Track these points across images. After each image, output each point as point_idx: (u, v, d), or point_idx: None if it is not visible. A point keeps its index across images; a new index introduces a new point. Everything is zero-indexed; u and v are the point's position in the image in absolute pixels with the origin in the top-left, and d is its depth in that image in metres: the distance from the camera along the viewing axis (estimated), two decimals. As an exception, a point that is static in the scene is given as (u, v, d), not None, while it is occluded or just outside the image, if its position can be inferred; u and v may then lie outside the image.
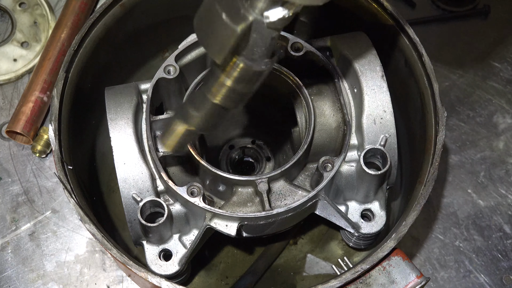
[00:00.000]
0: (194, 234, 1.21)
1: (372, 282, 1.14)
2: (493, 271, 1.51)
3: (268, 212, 1.14)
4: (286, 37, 1.27)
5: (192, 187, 1.15)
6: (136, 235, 1.20)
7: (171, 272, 1.19)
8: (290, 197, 1.19)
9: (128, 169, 1.17)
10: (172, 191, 1.16)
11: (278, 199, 1.19)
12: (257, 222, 1.15)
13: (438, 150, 1.23)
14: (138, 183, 1.17)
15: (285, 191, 1.20)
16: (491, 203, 1.59)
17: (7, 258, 1.46)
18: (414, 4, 1.85)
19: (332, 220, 1.24)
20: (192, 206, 1.15)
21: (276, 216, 1.14)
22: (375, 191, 1.24)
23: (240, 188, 1.20)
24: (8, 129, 1.54)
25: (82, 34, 1.30)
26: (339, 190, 1.24)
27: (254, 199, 1.19)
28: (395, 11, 1.35)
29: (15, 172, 1.56)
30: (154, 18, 1.49)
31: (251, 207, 1.19)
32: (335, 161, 1.19)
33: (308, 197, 1.16)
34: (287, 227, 1.28)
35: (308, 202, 1.17)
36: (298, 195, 1.19)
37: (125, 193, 1.17)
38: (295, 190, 1.20)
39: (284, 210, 1.14)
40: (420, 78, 1.30)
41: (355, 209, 1.27)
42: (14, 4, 1.73)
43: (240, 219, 1.14)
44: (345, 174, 1.21)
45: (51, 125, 1.20)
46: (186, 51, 1.27)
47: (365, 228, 1.25)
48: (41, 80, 1.57)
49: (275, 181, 1.19)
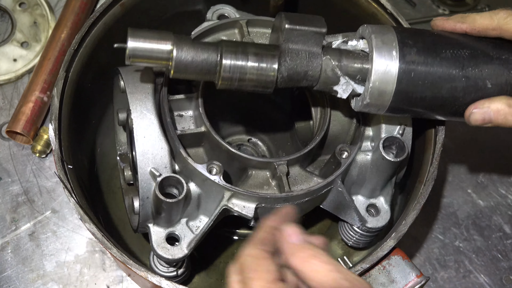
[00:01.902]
0: (201, 220, 1.19)
1: (372, 282, 1.15)
2: (493, 271, 1.51)
3: (288, 194, 1.13)
4: None
5: (212, 165, 1.14)
6: (144, 216, 1.17)
7: (179, 256, 1.16)
8: (305, 183, 1.20)
9: (148, 143, 1.14)
10: (189, 169, 1.15)
11: (294, 184, 1.19)
12: (274, 205, 1.15)
13: (438, 150, 1.24)
14: (157, 158, 1.14)
15: (300, 177, 1.20)
16: (491, 203, 1.59)
17: (7, 258, 1.46)
18: (414, 4, 1.85)
19: (338, 213, 1.25)
20: (211, 185, 1.13)
21: (295, 199, 1.14)
22: (384, 184, 1.24)
23: (256, 171, 1.19)
24: (8, 129, 1.54)
25: (82, 33, 1.30)
26: (349, 182, 1.24)
27: (271, 182, 1.19)
28: (395, 11, 1.36)
29: (15, 172, 1.56)
30: (154, 18, 1.49)
31: (267, 190, 1.18)
32: (351, 148, 1.20)
33: (326, 182, 1.16)
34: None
35: (324, 188, 1.17)
36: (314, 181, 1.20)
37: (143, 168, 1.13)
38: (310, 177, 1.20)
39: (304, 193, 1.14)
40: (420, 78, 1.30)
41: (361, 203, 1.27)
42: (14, 4, 1.73)
43: (259, 199, 1.14)
44: (359, 163, 1.21)
45: (51, 124, 1.21)
46: (200, 37, 1.27)
47: (371, 222, 1.25)
48: (41, 80, 1.57)
49: (292, 166, 1.19)
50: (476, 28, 1.10)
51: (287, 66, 1.03)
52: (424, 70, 1.04)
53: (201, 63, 1.01)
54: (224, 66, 1.01)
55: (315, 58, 1.05)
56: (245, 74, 1.02)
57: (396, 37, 1.05)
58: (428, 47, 1.06)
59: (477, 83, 1.07)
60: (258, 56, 1.02)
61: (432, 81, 1.05)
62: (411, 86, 1.05)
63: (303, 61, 1.04)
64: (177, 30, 1.39)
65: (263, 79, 1.03)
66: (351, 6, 1.43)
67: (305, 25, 1.04)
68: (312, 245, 0.87)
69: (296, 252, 0.86)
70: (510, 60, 1.09)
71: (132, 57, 1.01)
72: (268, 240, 0.90)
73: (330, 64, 1.05)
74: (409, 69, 1.04)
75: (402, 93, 1.05)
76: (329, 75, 1.06)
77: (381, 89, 1.04)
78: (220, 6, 1.34)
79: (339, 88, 1.07)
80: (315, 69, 1.05)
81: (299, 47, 1.05)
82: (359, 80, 1.07)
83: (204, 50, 1.02)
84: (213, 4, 1.35)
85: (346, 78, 1.06)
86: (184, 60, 1.00)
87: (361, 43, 1.08)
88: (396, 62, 1.03)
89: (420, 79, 1.04)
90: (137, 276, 1.10)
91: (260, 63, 1.02)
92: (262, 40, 1.30)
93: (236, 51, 1.02)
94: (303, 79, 1.05)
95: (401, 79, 1.03)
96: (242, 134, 1.54)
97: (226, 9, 1.34)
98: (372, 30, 1.06)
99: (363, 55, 1.07)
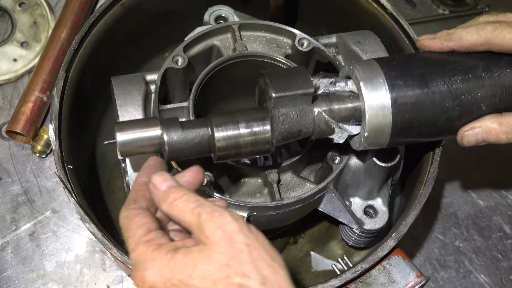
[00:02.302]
0: None
1: (372, 282, 1.15)
2: (493, 271, 1.51)
3: (278, 202, 1.13)
4: (294, 33, 1.27)
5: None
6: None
7: None
8: (298, 189, 1.20)
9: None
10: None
11: (287, 191, 1.19)
12: (266, 213, 1.15)
13: (438, 150, 1.24)
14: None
15: (293, 183, 1.20)
16: (491, 203, 1.59)
17: (7, 258, 1.46)
18: (414, 4, 1.85)
19: (336, 215, 1.24)
20: (201, 195, 1.14)
21: (286, 207, 1.14)
22: (380, 186, 1.24)
23: (248, 179, 1.20)
24: (8, 129, 1.53)
25: (82, 34, 1.30)
26: (344, 185, 1.24)
27: (263, 190, 1.19)
28: (395, 11, 1.36)
29: (15, 172, 1.56)
30: (154, 18, 1.49)
31: (259, 198, 1.19)
32: (343, 153, 1.20)
33: (318, 188, 1.16)
34: (290, 222, 1.28)
35: (317, 194, 1.17)
36: (307, 187, 1.20)
37: (134, 177, 1.13)
38: (303, 183, 1.20)
39: (294, 200, 1.14)
40: (420, 78, 1.30)
41: (358, 205, 1.27)
42: (14, 4, 1.73)
43: (250, 208, 1.14)
44: (352, 168, 1.21)
45: (51, 124, 1.21)
46: (193, 43, 1.27)
47: (368, 224, 1.25)
48: (41, 80, 1.57)
49: (284, 173, 1.20)
50: (464, 45, 1.08)
51: (280, 130, 1.03)
52: (416, 109, 1.03)
53: (193, 141, 0.99)
54: (218, 139, 0.99)
55: (306, 116, 1.03)
56: (240, 143, 1.01)
57: (384, 77, 1.03)
58: (418, 83, 1.03)
59: (472, 108, 1.06)
60: (249, 122, 1.01)
61: (425, 118, 1.04)
62: (407, 119, 1.03)
63: (294, 121, 1.03)
64: (177, 30, 1.40)
65: (259, 144, 1.02)
66: (351, 6, 1.43)
67: (292, 90, 1.02)
68: (177, 187, 0.89)
69: (164, 198, 0.88)
70: (501, 76, 1.06)
71: (124, 154, 1.00)
72: (140, 197, 0.91)
73: (322, 118, 1.04)
74: (402, 102, 1.02)
75: (400, 124, 1.03)
76: (323, 128, 1.05)
77: (378, 122, 1.02)
78: (218, 7, 1.34)
79: (335, 136, 1.07)
80: (309, 125, 1.04)
81: (288, 110, 1.03)
82: (353, 122, 1.06)
83: (194, 128, 1.00)
84: (213, 5, 1.34)
85: (340, 125, 1.05)
86: (177, 143, 0.99)
87: (349, 84, 1.06)
88: (387, 93, 1.01)
89: (414, 118, 1.03)
90: (137, 276, 1.10)
91: (252, 128, 1.01)
92: (255, 44, 1.29)
93: (227, 122, 1.00)
94: (297, 136, 1.05)
95: (396, 110, 1.02)
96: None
97: (223, 10, 1.34)
98: (357, 68, 1.04)
99: (353, 95, 1.05)
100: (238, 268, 0.80)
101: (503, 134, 1.07)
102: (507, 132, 1.06)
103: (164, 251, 0.83)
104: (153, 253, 0.83)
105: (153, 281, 0.82)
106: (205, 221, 0.83)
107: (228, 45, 1.29)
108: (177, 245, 0.85)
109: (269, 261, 0.82)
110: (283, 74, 1.07)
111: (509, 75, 1.07)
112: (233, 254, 0.81)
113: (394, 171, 1.24)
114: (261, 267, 0.81)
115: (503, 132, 1.06)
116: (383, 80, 1.02)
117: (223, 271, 0.80)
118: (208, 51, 1.29)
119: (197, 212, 0.85)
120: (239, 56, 1.25)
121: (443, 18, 1.84)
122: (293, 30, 1.28)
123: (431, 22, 1.83)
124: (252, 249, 0.82)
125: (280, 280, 0.81)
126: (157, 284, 0.82)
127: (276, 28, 1.28)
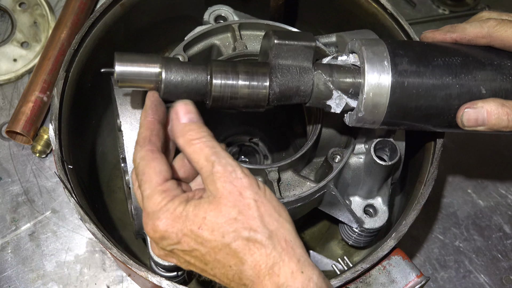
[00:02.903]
0: None
1: (372, 282, 1.15)
2: (493, 271, 1.51)
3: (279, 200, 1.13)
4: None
5: None
6: (140, 224, 1.18)
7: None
8: (298, 188, 1.20)
9: None
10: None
11: (287, 190, 1.19)
12: None
13: (438, 150, 1.24)
14: None
15: (293, 182, 1.20)
16: (491, 203, 1.59)
17: (7, 258, 1.46)
18: (414, 4, 1.86)
19: (336, 214, 1.24)
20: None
21: (286, 205, 1.13)
22: (380, 185, 1.24)
23: None
24: (8, 129, 1.54)
25: (82, 34, 1.30)
26: (344, 184, 1.24)
27: None
28: (395, 11, 1.36)
29: (15, 172, 1.56)
30: (154, 18, 1.49)
31: None
32: (344, 152, 1.20)
33: (318, 187, 1.16)
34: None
35: (317, 193, 1.17)
36: (307, 186, 1.19)
37: (134, 177, 1.14)
38: (303, 181, 1.20)
39: (294, 199, 1.14)
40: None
41: (358, 204, 1.27)
42: (14, 4, 1.73)
43: None
44: (352, 166, 1.21)
45: (51, 124, 1.21)
46: (193, 42, 1.27)
47: (368, 223, 1.25)
48: (41, 80, 1.57)
49: (284, 171, 1.20)
50: (466, 37, 1.10)
51: (278, 82, 1.02)
52: (417, 79, 1.03)
53: (190, 83, 0.99)
54: (215, 85, 0.99)
55: (306, 73, 1.03)
56: (237, 93, 1.00)
57: (387, 48, 1.04)
58: (419, 56, 1.04)
59: (471, 89, 1.06)
60: (248, 74, 1.01)
61: (425, 90, 1.04)
62: (405, 96, 1.03)
63: (294, 76, 1.03)
64: (177, 30, 1.40)
65: (255, 97, 1.01)
66: (351, 6, 1.43)
67: (294, 40, 1.03)
68: (197, 125, 0.92)
69: (183, 133, 0.91)
70: (502, 65, 1.08)
71: (121, 81, 0.99)
72: (155, 137, 0.93)
73: (321, 78, 1.04)
74: (402, 79, 1.02)
75: (397, 104, 1.03)
76: (321, 89, 1.05)
77: (375, 101, 1.03)
78: (218, 6, 1.34)
79: (332, 103, 1.06)
80: (307, 83, 1.03)
81: (289, 62, 1.03)
82: (352, 95, 1.06)
83: (193, 71, 0.99)
84: (213, 4, 1.34)
85: (339, 91, 1.05)
86: (174, 81, 0.98)
87: (352, 57, 1.07)
88: (389, 73, 1.02)
89: (413, 88, 1.03)
90: (137, 276, 1.10)
91: (251, 81, 1.00)
92: (255, 43, 1.29)
93: (226, 70, 1.00)
94: (295, 94, 1.04)
95: (395, 89, 1.02)
96: (242, 135, 1.54)
97: (223, 9, 1.34)
98: (362, 43, 1.05)
99: (355, 69, 1.06)
100: (246, 222, 0.84)
101: (505, 115, 1.05)
102: (508, 114, 1.04)
103: (177, 202, 0.87)
104: (167, 205, 0.87)
105: (165, 231, 0.86)
106: (217, 172, 0.87)
107: (228, 45, 1.29)
108: (189, 196, 0.89)
109: (275, 216, 0.86)
110: (288, 32, 1.10)
111: (509, 65, 1.08)
112: (241, 209, 0.85)
113: (394, 170, 1.24)
114: (268, 222, 0.85)
115: (505, 113, 1.04)
116: (386, 55, 1.03)
117: (231, 224, 0.84)
118: (208, 51, 1.29)
119: (212, 161, 0.88)
120: (239, 55, 1.25)
121: (443, 18, 1.84)
122: (293, 29, 1.28)
123: (431, 22, 1.83)
124: (260, 205, 0.86)
125: (286, 234, 0.86)
126: (168, 234, 0.87)
127: (276, 27, 1.29)
